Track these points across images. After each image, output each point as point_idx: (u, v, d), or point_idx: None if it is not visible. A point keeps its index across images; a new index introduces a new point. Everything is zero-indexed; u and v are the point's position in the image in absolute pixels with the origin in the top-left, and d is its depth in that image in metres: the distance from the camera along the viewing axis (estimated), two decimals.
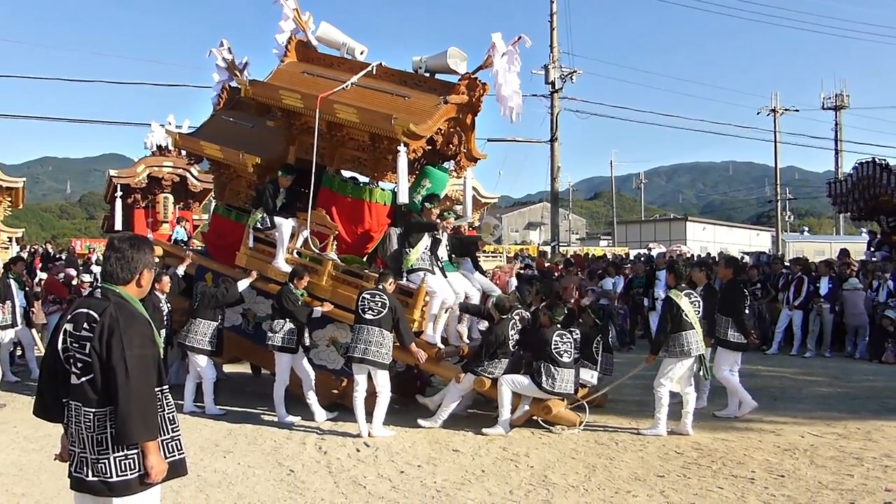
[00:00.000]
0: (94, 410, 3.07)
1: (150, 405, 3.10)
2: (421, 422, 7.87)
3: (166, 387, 3.26)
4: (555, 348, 7.49)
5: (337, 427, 7.84)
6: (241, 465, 6.49)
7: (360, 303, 7.56)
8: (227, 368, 10.77)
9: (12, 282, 10.58)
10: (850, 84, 43.20)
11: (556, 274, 16.05)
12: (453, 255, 9.03)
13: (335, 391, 8.60)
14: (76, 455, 3.13)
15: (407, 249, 8.18)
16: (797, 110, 37.84)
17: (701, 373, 7.74)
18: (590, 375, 8.24)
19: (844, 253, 15.75)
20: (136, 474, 3.10)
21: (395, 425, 7.73)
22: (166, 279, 8.76)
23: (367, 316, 7.46)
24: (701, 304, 7.70)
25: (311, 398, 8.11)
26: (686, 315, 7.44)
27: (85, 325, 3.10)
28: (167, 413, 3.25)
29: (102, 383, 3.05)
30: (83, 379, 3.08)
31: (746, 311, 8.27)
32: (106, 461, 3.07)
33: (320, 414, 8.07)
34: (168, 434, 3.24)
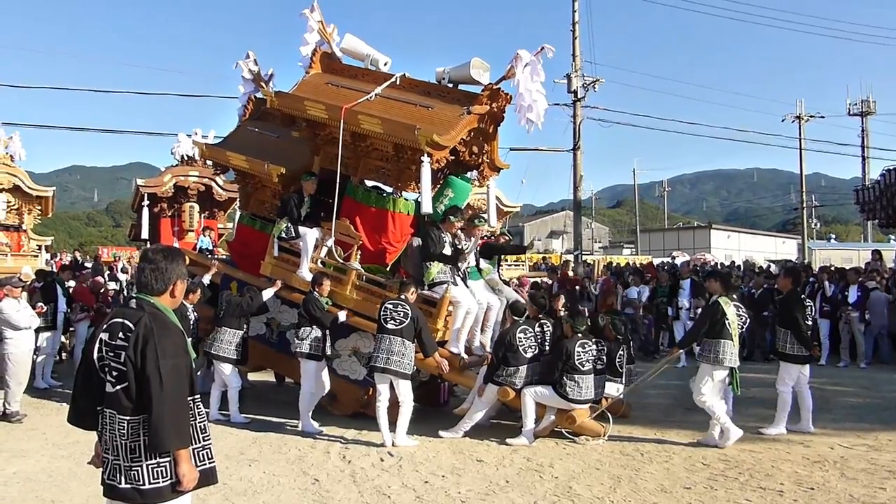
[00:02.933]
0: (128, 418, 3.13)
1: (182, 414, 3.16)
2: (442, 433, 7.87)
3: (198, 396, 3.31)
4: (577, 359, 7.47)
5: (361, 436, 7.86)
6: (266, 474, 6.53)
7: (382, 312, 7.58)
8: (252, 377, 10.85)
9: (58, 286, 10.78)
10: (877, 89, 42.82)
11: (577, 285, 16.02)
12: (483, 260, 9.04)
13: (358, 400, 8.63)
14: (109, 462, 3.18)
15: (428, 263, 8.19)
16: (822, 117, 37.34)
17: (730, 386, 7.53)
18: (615, 389, 8.18)
19: (877, 254, 15.54)
20: (169, 482, 3.15)
21: (419, 435, 7.73)
22: (198, 290, 8.86)
23: (390, 326, 7.47)
24: (746, 319, 7.55)
25: (309, 408, 8.17)
26: (729, 324, 7.31)
27: (120, 334, 3.16)
28: (198, 422, 3.30)
29: (137, 392, 3.11)
30: (118, 387, 3.14)
31: (808, 322, 8.02)
32: (139, 468, 3.12)
33: (309, 426, 8.10)
34: (199, 442, 3.29)
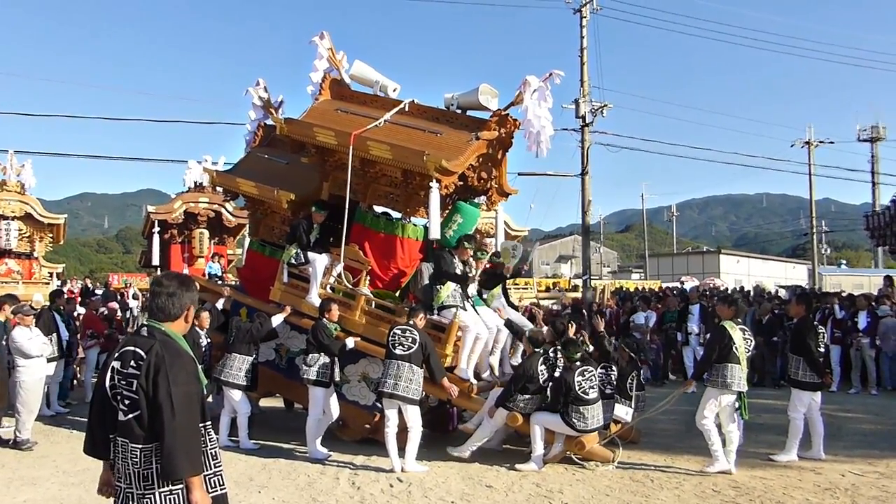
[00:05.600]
0: (139, 447, 3.14)
1: (194, 441, 3.17)
2: (450, 450, 7.89)
3: (209, 423, 3.33)
4: (578, 388, 7.43)
5: (370, 462, 7.84)
6: (275, 500, 6.52)
7: (390, 338, 7.60)
8: (261, 403, 10.84)
9: (56, 315, 10.78)
10: (887, 115, 42.66)
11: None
12: (484, 290, 9.05)
13: (368, 426, 8.62)
14: (122, 491, 3.19)
15: (437, 287, 8.22)
16: (832, 142, 37.33)
17: (738, 411, 7.43)
18: (624, 412, 8.14)
19: (889, 280, 15.47)
20: None
21: (428, 461, 7.71)
22: (205, 315, 8.89)
23: (398, 351, 7.48)
24: (752, 342, 7.51)
25: (317, 434, 8.15)
26: (736, 348, 7.26)
27: (132, 362, 3.18)
28: (210, 448, 3.31)
29: (149, 420, 3.13)
30: (130, 416, 3.15)
31: (821, 349, 7.96)
32: (151, 496, 3.13)
33: (317, 452, 8.08)
34: (211, 469, 3.30)
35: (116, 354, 3.27)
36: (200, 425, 3.24)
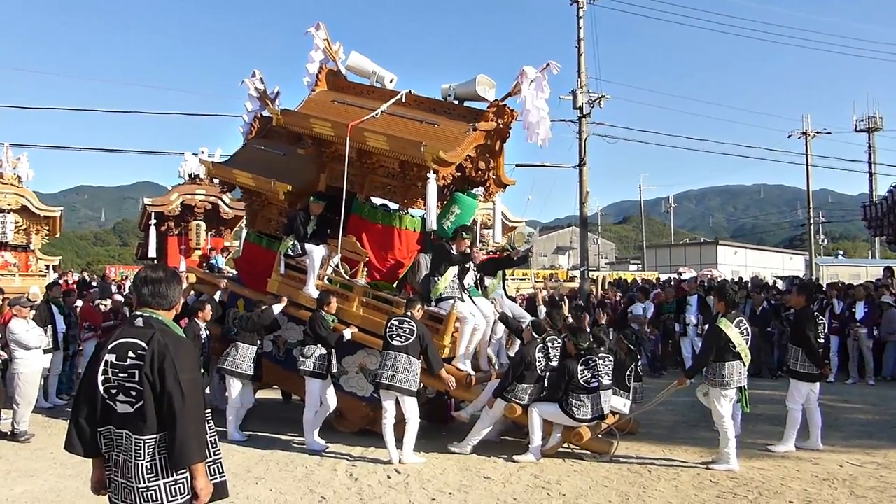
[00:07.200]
0: (144, 438, 3.12)
1: (202, 427, 3.20)
2: (451, 447, 7.86)
3: (209, 411, 3.33)
4: (581, 377, 7.43)
5: (368, 454, 7.84)
6: (273, 492, 6.51)
7: (388, 329, 7.58)
8: (259, 395, 10.82)
9: (53, 306, 10.75)
10: (884, 106, 42.51)
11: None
12: (487, 278, 9.05)
13: (365, 417, 8.61)
14: (119, 485, 3.17)
15: (435, 278, 8.20)
16: (829, 133, 37.21)
17: (739, 403, 7.40)
18: (622, 404, 8.14)
19: (889, 271, 15.47)
20: (186, 498, 3.17)
21: (426, 452, 7.70)
22: (208, 307, 8.87)
23: (395, 342, 7.47)
24: (750, 332, 7.39)
25: (314, 425, 8.13)
26: (733, 346, 7.13)
27: (131, 353, 3.16)
28: (209, 436, 3.31)
29: (156, 409, 3.11)
30: (135, 407, 3.14)
31: (821, 340, 7.94)
32: (156, 488, 3.12)
33: (314, 443, 8.06)
34: (211, 457, 3.30)
35: (110, 347, 3.24)
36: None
